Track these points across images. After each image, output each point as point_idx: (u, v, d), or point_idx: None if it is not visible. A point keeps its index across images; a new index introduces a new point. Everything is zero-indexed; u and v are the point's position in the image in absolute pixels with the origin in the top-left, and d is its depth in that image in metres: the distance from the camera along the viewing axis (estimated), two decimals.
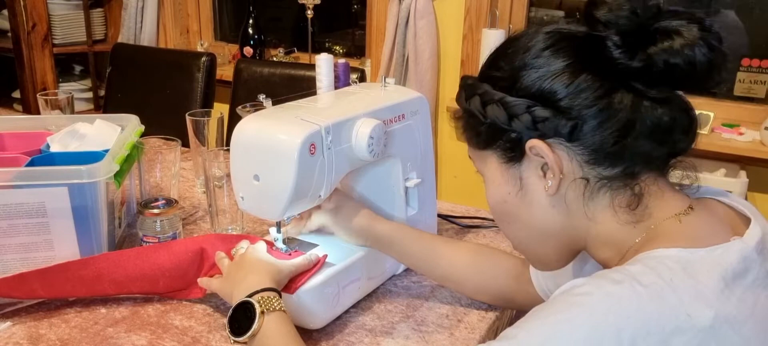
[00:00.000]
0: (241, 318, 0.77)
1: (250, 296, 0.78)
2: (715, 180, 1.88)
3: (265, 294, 0.78)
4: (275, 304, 0.78)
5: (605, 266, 0.69)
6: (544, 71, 0.63)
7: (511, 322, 1.02)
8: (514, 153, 0.66)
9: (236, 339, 0.77)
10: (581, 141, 0.62)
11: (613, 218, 0.64)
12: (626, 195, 0.64)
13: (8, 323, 0.89)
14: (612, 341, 0.52)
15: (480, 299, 0.97)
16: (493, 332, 0.94)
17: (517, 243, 0.74)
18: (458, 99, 0.71)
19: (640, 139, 0.61)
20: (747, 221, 0.64)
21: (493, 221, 1.26)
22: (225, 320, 0.85)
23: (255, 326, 0.75)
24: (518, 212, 0.69)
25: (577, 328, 0.54)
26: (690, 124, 0.64)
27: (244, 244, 0.93)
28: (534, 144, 0.64)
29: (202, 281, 0.92)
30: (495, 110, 0.65)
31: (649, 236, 0.63)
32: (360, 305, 0.96)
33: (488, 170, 0.71)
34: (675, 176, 0.67)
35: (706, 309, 0.54)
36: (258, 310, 0.76)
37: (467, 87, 0.70)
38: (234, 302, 0.79)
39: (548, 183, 0.65)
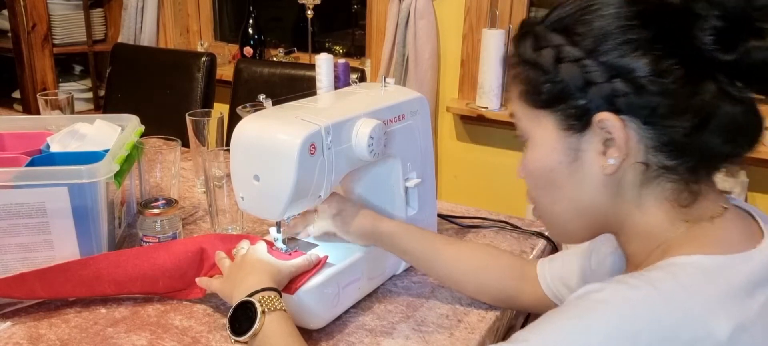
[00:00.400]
0: (242, 318, 0.77)
1: (251, 295, 0.78)
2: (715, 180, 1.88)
3: (266, 294, 0.78)
4: (276, 303, 0.77)
5: (629, 258, 0.67)
6: (631, 42, 0.57)
7: (512, 322, 1.03)
8: (577, 122, 0.61)
9: (237, 339, 0.77)
10: (654, 125, 0.58)
11: (659, 209, 0.62)
12: (680, 189, 0.61)
13: (8, 323, 0.89)
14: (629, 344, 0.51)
15: (481, 299, 0.97)
16: (494, 332, 0.94)
17: (548, 213, 0.69)
18: (520, 45, 0.64)
19: (712, 135, 0.58)
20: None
21: (493, 221, 1.26)
22: (225, 320, 0.85)
23: (256, 325, 0.75)
24: (564, 183, 0.64)
25: (593, 334, 0.52)
26: (758, 128, 0.60)
27: (244, 245, 0.93)
28: (606, 118, 0.58)
29: (202, 281, 0.92)
30: (571, 71, 0.59)
31: (681, 235, 0.61)
32: (360, 305, 0.96)
33: (539, 133, 0.64)
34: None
35: (725, 321, 0.52)
36: (259, 309, 0.76)
37: (537, 35, 0.62)
38: (234, 302, 0.79)
39: (609, 161, 0.60)
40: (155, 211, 1.04)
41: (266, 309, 0.76)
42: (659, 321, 0.52)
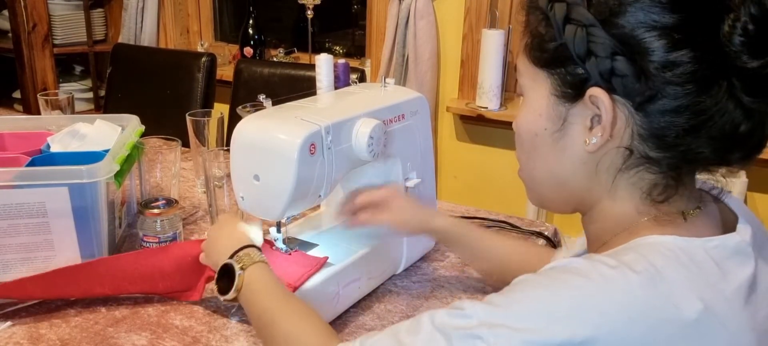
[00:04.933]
0: (226, 280, 0.81)
1: (231, 257, 0.82)
2: (715, 180, 1.88)
3: (245, 251, 0.82)
4: (255, 257, 0.82)
5: (590, 238, 0.66)
6: (652, 20, 0.53)
7: None
8: (571, 91, 0.58)
9: (225, 298, 0.81)
10: (647, 114, 0.55)
11: (630, 199, 0.60)
12: (656, 183, 0.58)
13: (8, 323, 0.89)
14: (593, 320, 0.50)
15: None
16: None
17: (528, 176, 0.68)
18: None
19: (706, 140, 0.55)
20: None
21: (492, 221, 1.26)
22: (225, 320, 0.86)
23: (237, 281, 0.79)
24: (546, 151, 0.63)
25: (562, 301, 0.52)
26: (759, 144, 0.56)
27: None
28: (597, 94, 0.56)
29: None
30: (575, 34, 0.55)
31: (647, 220, 0.60)
32: (360, 305, 0.96)
33: (534, 94, 0.62)
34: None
35: (696, 301, 0.52)
36: (237, 267, 0.80)
37: None
38: (218, 267, 0.84)
39: (592, 140, 0.58)
40: (155, 211, 1.04)
41: (245, 265, 0.80)
42: (629, 300, 0.51)
